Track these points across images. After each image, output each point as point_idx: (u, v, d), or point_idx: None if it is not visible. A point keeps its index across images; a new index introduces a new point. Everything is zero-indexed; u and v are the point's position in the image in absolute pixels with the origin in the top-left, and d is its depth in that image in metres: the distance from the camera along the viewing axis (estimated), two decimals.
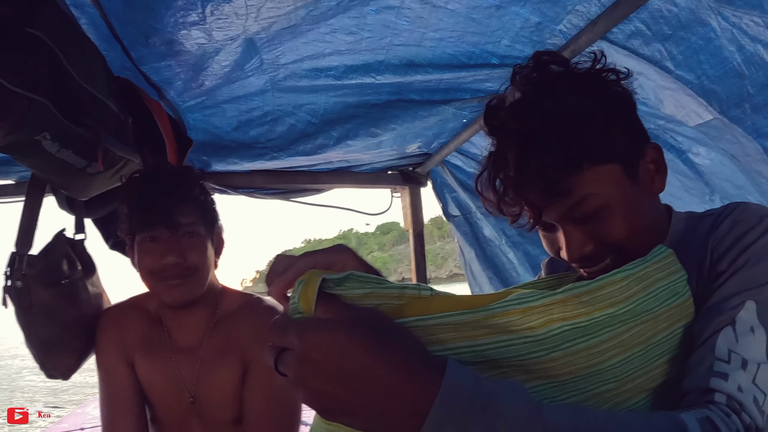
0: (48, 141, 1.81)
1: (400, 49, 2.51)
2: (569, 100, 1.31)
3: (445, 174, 4.02)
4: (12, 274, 2.29)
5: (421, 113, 3.11)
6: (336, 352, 0.82)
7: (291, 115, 3.22)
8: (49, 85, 1.76)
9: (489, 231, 3.99)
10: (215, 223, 2.35)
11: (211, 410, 2.27)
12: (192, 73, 2.67)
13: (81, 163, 2.02)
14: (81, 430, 6.70)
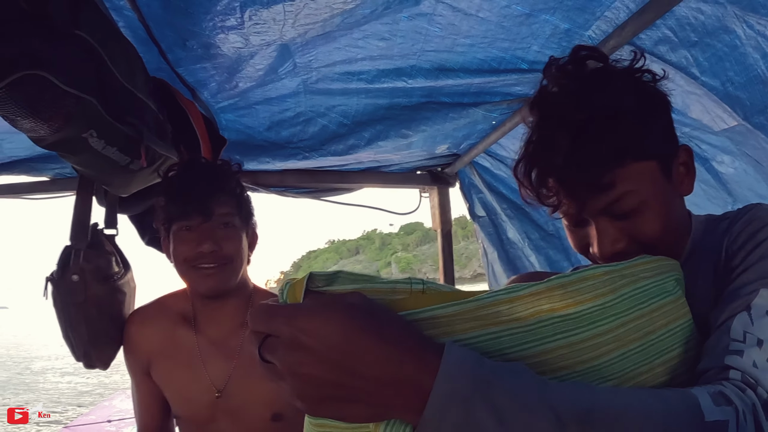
0: (94, 138, 1.87)
1: (432, 54, 2.55)
2: (617, 95, 1.33)
3: (472, 175, 4.05)
4: (70, 268, 2.37)
5: (451, 115, 3.15)
6: (331, 334, 0.79)
7: (323, 116, 3.27)
8: (95, 84, 1.82)
9: (513, 233, 4.01)
10: (250, 217, 2.42)
11: (245, 406, 2.31)
12: (226, 75, 2.73)
13: (124, 160, 2.09)
14: (108, 421, 6.78)
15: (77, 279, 2.36)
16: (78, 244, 2.39)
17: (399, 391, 0.79)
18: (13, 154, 3.79)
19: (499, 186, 3.93)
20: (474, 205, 4.24)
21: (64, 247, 2.42)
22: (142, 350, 2.43)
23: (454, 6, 2.17)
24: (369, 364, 0.78)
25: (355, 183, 4.27)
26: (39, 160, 3.86)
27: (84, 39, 1.77)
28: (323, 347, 0.78)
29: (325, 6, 2.13)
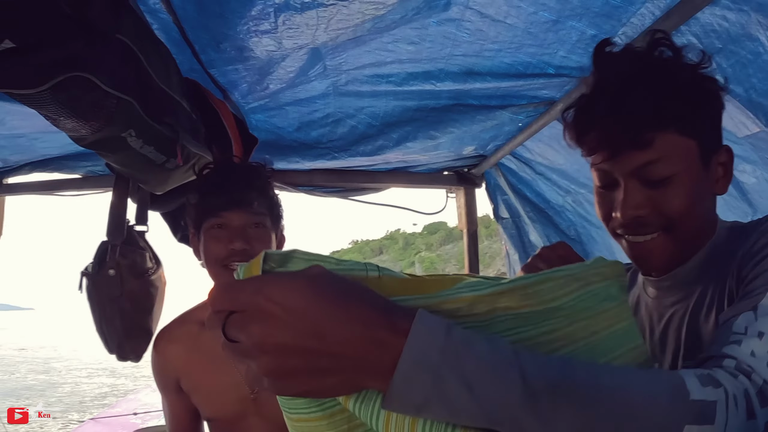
0: (133, 138, 1.94)
1: (460, 58, 2.57)
2: (679, 68, 1.37)
3: (498, 176, 4.07)
4: (107, 262, 2.44)
5: (479, 117, 3.18)
6: (299, 299, 0.77)
7: (352, 117, 3.31)
8: (134, 86, 1.88)
9: (535, 237, 4.03)
10: (280, 219, 2.42)
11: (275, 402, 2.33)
12: (258, 76, 2.77)
13: (161, 159, 2.16)
14: (134, 414, 6.84)
15: (114, 273, 2.43)
16: (114, 240, 2.46)
17: (369, 354, 0.77)
18: (45, 153, 3.85)
19: (523, 189, 3.95)
20: (498, 207, 4.27)
21: (101, 243, 2.49)
22: (171, 367, 2.47)
23: (483, 12, 2.20)
24: (339, 327, 0.77)
25: (382, 183, 4.31)
26: (71, 158, 3.92)
27: (124, 42, 1.82)
28: (291, 314, 0.76)
29: (358, 12, 2.16)
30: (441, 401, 0.77)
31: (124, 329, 2.49)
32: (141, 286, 2.50)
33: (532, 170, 3.75)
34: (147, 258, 2.59)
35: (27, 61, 1.57)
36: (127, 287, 2.45)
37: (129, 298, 2.46)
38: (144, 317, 2.52)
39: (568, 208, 3.69)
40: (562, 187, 3.62)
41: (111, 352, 2.59)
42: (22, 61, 1.57)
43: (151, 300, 2.54)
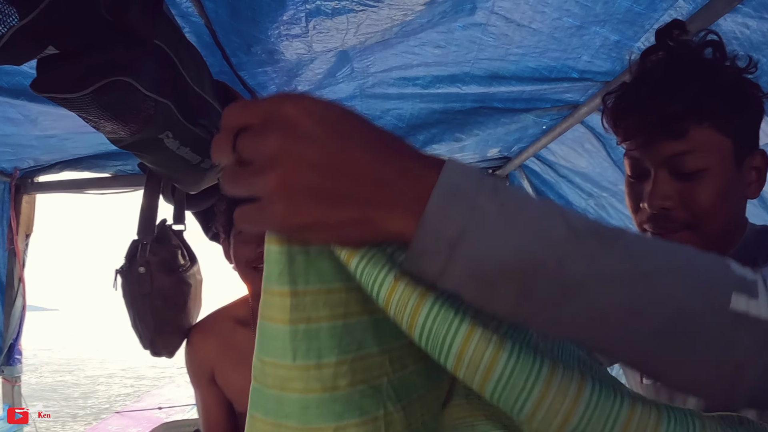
0: (170, 139, 2.00)
1: (485, 62, 2.61)
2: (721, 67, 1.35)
3: (522, 178, 4.09)
4: (136, 260, 2.50)
5: (503, 120, 3.21)
6: (327, 112, 0.68)
7: (378, 119, 3.35)
8: (171, 89, 1.93)
9: None
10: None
11: None
12: (286, 78, 2.83)
13: (196, 159, 2.21)
14: (159, 408, 6.89)
15: (144, 271, 2.49)
16: (144, 238, 2.52)
17: (399, 182, 0.67)
18: (76, 152, 3.97)
19: (546, 191, 3.97)
20: None
21: (132, 241, 2.55)
22: (205, 359, 2.54)
23: (508, 17, 2.23)
24: (370, 150, 0.68)
25: None
26: (101, 157, 4.05)
27: (160, 47, 1.87)
28: (320, 125, 0.66)
29: (387, 17, 2.20)
30: (478, 232, 0.66)
31: (155, 325, 2.55)
32: (172, 283, 2.56)
33: (555, 173, 3.77)
34: (179, 255, 2.64)
35: (70, 67, 1.62)
36: (157, 284, 2.50)
37: (160, 294, 2.51)
38: (176, 314, 2.57)
39: (591, 211, 3.68)
40: (584, 190, 3.63)
41: (145, 348, 2.64)
42: (65, 67, 1.62)
43: (183, 297, 2.60)
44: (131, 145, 1.98)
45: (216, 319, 2.61)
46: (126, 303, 2.57)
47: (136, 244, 2.54)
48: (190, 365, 2.60)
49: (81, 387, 25.78)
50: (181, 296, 2.59)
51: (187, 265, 2.67)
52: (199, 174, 2.37)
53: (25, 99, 2.90)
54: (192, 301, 2.66)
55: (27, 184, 4.52)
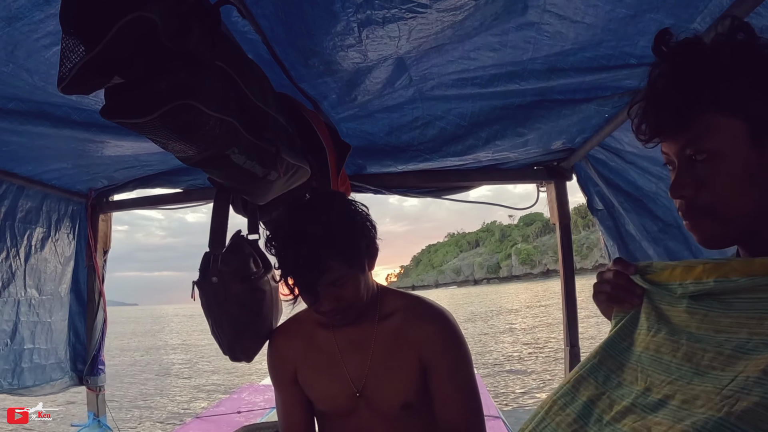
0: (236, 155, 2.05)
1: (542, 59, 2.62)
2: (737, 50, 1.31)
3: (588, 168, 4.06)
4: (210, 271, 2.60)
5: (565, 112, 3.20)
6: None
7: (441, 119, 3.39)
8: (234, 107, 1.98)
9: (631, 227, 3.98)
10: (367, 249, 2.40)
11: (380, 398, 2.47)
12: (346, 88, 2.89)
13: (263, 172, 2.27)
14: (238, 413, 6.98)
15: (216, 281, 2.59)
16: (216, 250, 2.61)
17: None
18: (148, 170, 4.14)
19: (615, 179, 3.91)
20: (592, 199, 4.24)
21: (204, 254, 2.64)
22: (288, 360, 2.60)
23: (560, 14, 2.24)
24: None
25: (473, 181, 4.38)
26: (173, 173, 4.16)
27: (221, 67, 1.92)
28: None
29: (436, 20, 2.23)
30: None
31: (232, 332, 2.65)
32: (245, 291, 2.64)
33: (622, 160, 3.72)
34: (251, 263, 2.71)
35: (136, 93, 1.69)
36: (231, 292, 2.60)
37: (235, 302, 2.61)
38: (252, 319, 2.65)
39: (662, 194, 3.61)
40: (653, 173, 3.57)
41: (225, 354, 2.73)
42: (132, 93, 1.70)
43: (257, 303, 2.67)
44: (200, 162, 2.04)
45: (297, 322, 2.68)
46: (204, 311, 2.66)
47: (209, 256, 2.62)
48: (272, 366, 2.67)
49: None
50: (256, 303, 2.67)
51: (261, 272, 2.74)
52: (266, 186, 2.43)
53: (96, 130, 3.07)
54: (267, 307, 2.74)
55: (102, 203, 4.70)
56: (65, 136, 3.15)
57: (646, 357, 1.36)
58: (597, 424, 1.33)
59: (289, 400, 2.63)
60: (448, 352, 2.44)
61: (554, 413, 1.44)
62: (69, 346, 4.74)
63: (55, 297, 4.59)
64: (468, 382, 2.46)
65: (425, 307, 2.55)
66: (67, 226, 4.63)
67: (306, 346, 2.59)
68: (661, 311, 1.41)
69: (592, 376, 1.45)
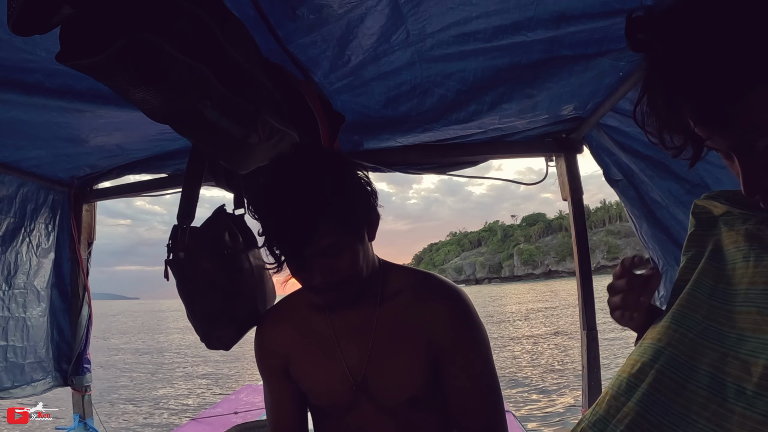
0: (210, 110, 1.83)
1: (550, 2, 2.42)
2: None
3: (601, 137, 3.85)
4: (175, 245, 2.36)
5: (577, 68, 2.99)
6: None
7: (440, 86, 3.18)
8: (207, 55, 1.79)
9: (655, 193, 3.77)
10: (365, 214, 2.09)
11: (383, 393, 2.19)
12: (338, 48, 2.69)
13: (241, 133, 2.03)
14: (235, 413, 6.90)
15: (183, 256, 2.37)
16: (184, 222, 2.41)
17: None
18: (133, 156, 3.99)
19: (633, 144, 3.69)
20: (609, 169, 4.03)
21: (173, 227, 2.41)
22: (278, 351, 2.33)
23: None
24: None
25: (479, 155, 4.16)
26: (158, 158, 4.03)
27: (195, 13, 1.76)
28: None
29: None
30: None
31: (205, 316, 2.42)
32: (217, 268, 2.40)
33: None
34: (225, 237, 2.46)
35: (88, 28, 1.53)
36: (200, 269, 2.37)
37: (206, 281, 2.38)
38: (227, 301, 2.39)
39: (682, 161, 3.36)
40: None
41: (202, 341, 2.50)
42: (84, 29, 1.54)
43: (232, 283, 2.43)
44: (168, 118, 1.84)
45: (289, 306, 2.39)
46: (179, 294, 2.42)
47: (176, 229, 2.38)
48: (260, 355, 2.38)
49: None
50: (231, 283, 2.42)
51: (238, 247, 2.49)
52: (246, 150, 2.18)
53: (71, 98, 2.88)
54: (248, 288, 2.50)
55: (86, 192, 4.53)
56: (38, 105, 2.93)
57: (757, 293, 1.13)
58: (741, 397, 1.06)
59: (277, 394, 2.36)
60: (463, 337, 2.13)
61: (671, 390, 1.16)
62: (51, 344, 4.53)
63: (30, 291, 4.38)
64: (487, 372, 2.16)
65: (436, 284, 2.25)
66: (45, 216, 4.42)
67: (298, 332, 2.30)
68: (754, 233, 1.20)
69: (704, 337, 1.18)
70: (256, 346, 2.39)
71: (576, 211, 4.20)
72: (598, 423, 1.24)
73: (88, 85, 2.79)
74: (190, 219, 2.40)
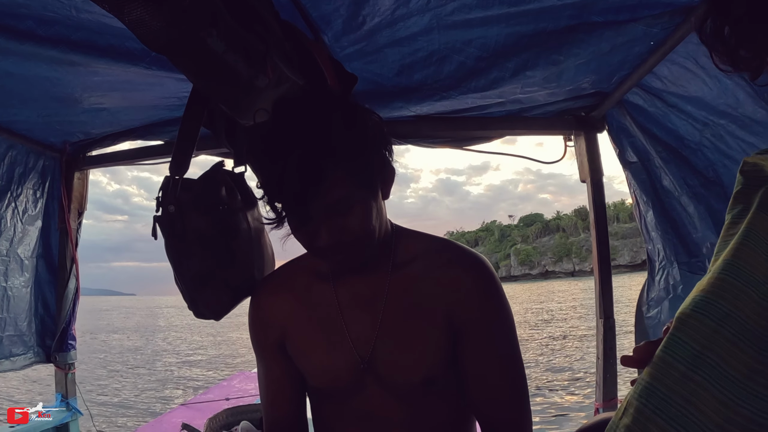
0: (214, 39, 1.66)
1: None
2: None
3: (622, 116, 3.69)
4: (165, 198, 2.14)
5: (607, 33, 2.79)
6: None
7: (459, 53, 2.98)
8: None
9: (668, 181, 3.60)
10: (382, 166, 1.85)
11: (394, 373, 1.93)
12: (353, 7, 2.52)
13: (248, 72, 1.84)
14: (226, 399, 6.78)
15: (173, 210, 2.15)
16: (177, 172, 2.19)
17: None
18: (128, 123, 3.82)
19: (653, 127, 3.52)
20: (625, 151, 3.86)
21: (164, 178, 2.19)
22: (274, 324, 2.08)
23: None
24: None
25: (495, 129, 3.97)
26: (155, 125, 3.87)
27: None
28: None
29: None
30: None
31: (193, 278, 2.19)
32: (211, 225, 2.19)
33: (663, 103, 3.32)
34: (221, 192, 2.24)
35: None
36: (191, 225, 2.15)
37: (197, 239, 2.16)
38: (220, 264, 2.19)
39: (706, 144, 3.21)
40: (698, 119, 3.16)
41: (189, 309, 2.28)
42: None
43: (226, 243, 2.22)
44: (168, 46, 1.64)
45: (288, 272, 2.15)
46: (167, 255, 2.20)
47: (167, 180, 2.16)
48: (253, 328, 2.15)
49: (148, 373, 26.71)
50: (225, 243, 2.22)
51: (236, 205, 2.28)
52: (252, 94, 1.98)
53: (65, 47, 2.71)
54: (244, 251, 2.29)
55: (78, 160, 4.35)
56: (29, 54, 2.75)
57: None
58: None
59: (271, 373, 2.12)
60: (488, 310, 1.90)
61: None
62: (35, 318, 4.34)
63: (13, 259, 4.20)
64: (514, 352, 1.92)
65: (455, 251, 2.01)
66: (34, 182, 4.24)
67: (298, 302, 2.06)
68: None
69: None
70: (250, 317, 2.16)
71: (595, 193, 4.04)
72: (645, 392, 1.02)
73: (83, 36, 2.62)
74: (183, 170, 2.17)
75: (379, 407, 1.97)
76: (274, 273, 2.25)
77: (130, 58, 2.70)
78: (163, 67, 2.75)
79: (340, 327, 1.98)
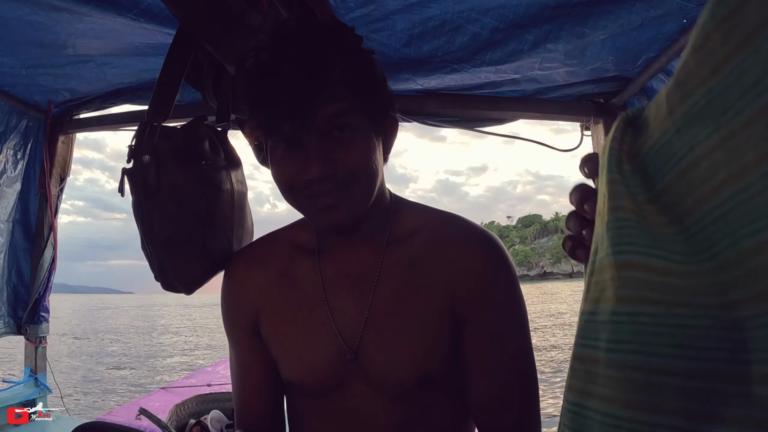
0: None
1: None
2: None
3: None
4: (139, 147, 1.88)
5: (639, 4, 2.55)
6: None
7: (474, 23, 2.75)
8: None
9: None
10: (385, 103, 1.66)
11: (385, 368, 1.66)
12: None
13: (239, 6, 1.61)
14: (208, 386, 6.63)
15: (148, 160, 1.88)
16: (155, 119, 1.93)
17: None
18: (117, 82, 3.58)
19: None
20: None
21: (140, 124, 1.94)
22: (248, 300, 1.84)
23: None
24: None
25: (508, 111, 3.72)
26: (146, 86, 3.63)
27: None
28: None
29: None
30: None
31: (164, 241, 1.93)
32: (190, 181, 1.93)
33: None
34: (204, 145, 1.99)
35: None
36: (168, 179, 1.88)
37: (173, 195, 1.89)
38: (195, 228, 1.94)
39: None
40: None
41: (156, 279, 2.00)
42: None
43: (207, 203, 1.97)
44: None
45: (270, 244, 1.91)
46: (135, 215, 1.94)
47: (144, 126, 1.91)
48: (226, 304, 1.91)
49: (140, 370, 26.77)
50: (205, 202, 1.97)
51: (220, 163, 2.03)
52: (243, 33, 1.74)
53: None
54: (224, 214, 2.04)
55: (64, 122, 4.13)
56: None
57: None
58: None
59: (243, 359, 1.87)
60: (498, 294, 1.65)
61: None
62: (8, 286, 4.10)
63: None
64: (524, 345, 1.67)
65: (460, 225, 1.76)
66: (15, 142, 3.98)
67: (276, 278, 1.82)
68: None
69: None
70: (223, 292, 1.92)
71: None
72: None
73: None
74: (163, 116, 1.92)
75: (364, 409, 1.71)
76: (252, 244, 2.02)
77: (117, 8, 2.48)
78: (152, 20, 2.52)
79: (322, 309, 1.73)
